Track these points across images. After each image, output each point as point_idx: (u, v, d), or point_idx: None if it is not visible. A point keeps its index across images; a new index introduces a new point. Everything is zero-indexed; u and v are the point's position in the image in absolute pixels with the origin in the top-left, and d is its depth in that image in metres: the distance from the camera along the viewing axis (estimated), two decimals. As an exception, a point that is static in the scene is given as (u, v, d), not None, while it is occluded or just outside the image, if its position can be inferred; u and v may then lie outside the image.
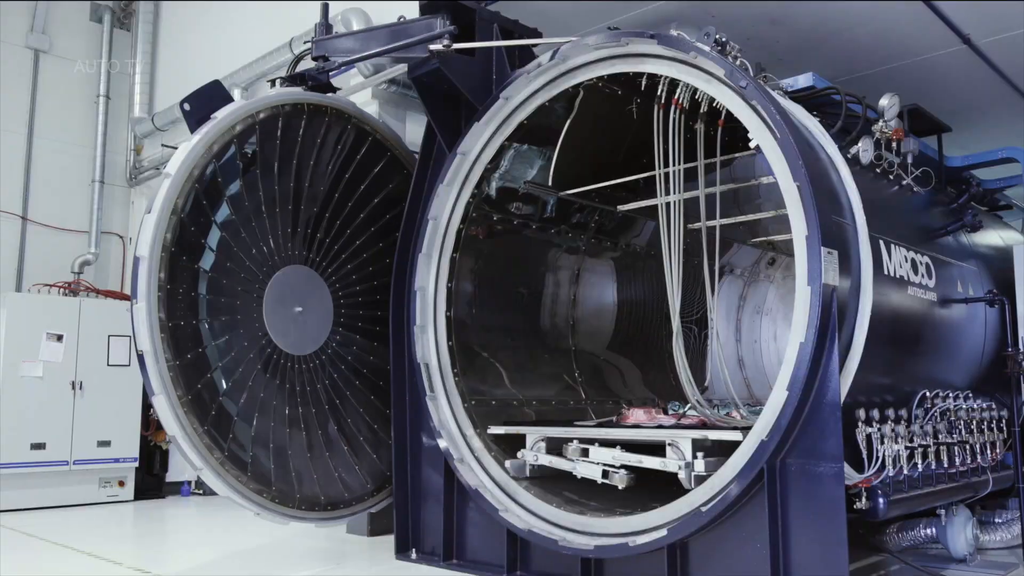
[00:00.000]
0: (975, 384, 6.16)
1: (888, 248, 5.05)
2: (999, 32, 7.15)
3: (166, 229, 5.44)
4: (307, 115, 6.17)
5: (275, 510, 5.76)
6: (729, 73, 4.59)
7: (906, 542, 5.90)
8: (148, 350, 5.24)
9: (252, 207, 5.89)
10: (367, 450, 6.37)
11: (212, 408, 5.58)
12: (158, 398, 5.26)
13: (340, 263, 6.42)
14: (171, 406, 5.28)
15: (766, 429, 4.26)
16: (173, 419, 5.29)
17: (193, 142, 5.48)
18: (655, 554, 4.64)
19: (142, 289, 5.30)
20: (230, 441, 5.61)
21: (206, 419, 5.50)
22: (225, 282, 5.78)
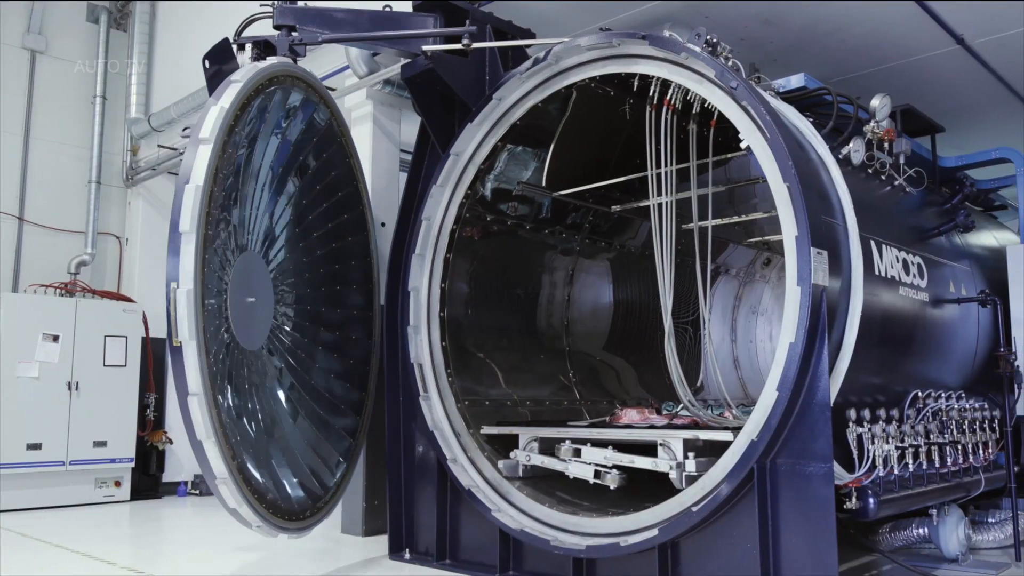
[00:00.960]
0: (968, 384, 6.18)
1: (879, 248, 5.06)
2: (993, 32, 7.14)
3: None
4: (293, 90, 5.78)
5: (271, 521, 5.28)
6: (719, 74, 4.60)
7: (899, 542, 5.90)
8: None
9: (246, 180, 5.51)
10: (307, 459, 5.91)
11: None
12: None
13: (285, 248, 5.93)
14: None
15: (756, 429, 4.27)
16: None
17: (227, 105, 4.94)
18: (646, 554, 4.66)
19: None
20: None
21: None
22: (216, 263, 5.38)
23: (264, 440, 5.39)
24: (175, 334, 4.50)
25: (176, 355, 4.52)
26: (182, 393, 4.56)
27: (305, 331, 5.99)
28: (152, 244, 10.80)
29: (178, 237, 4.55)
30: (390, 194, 7.36)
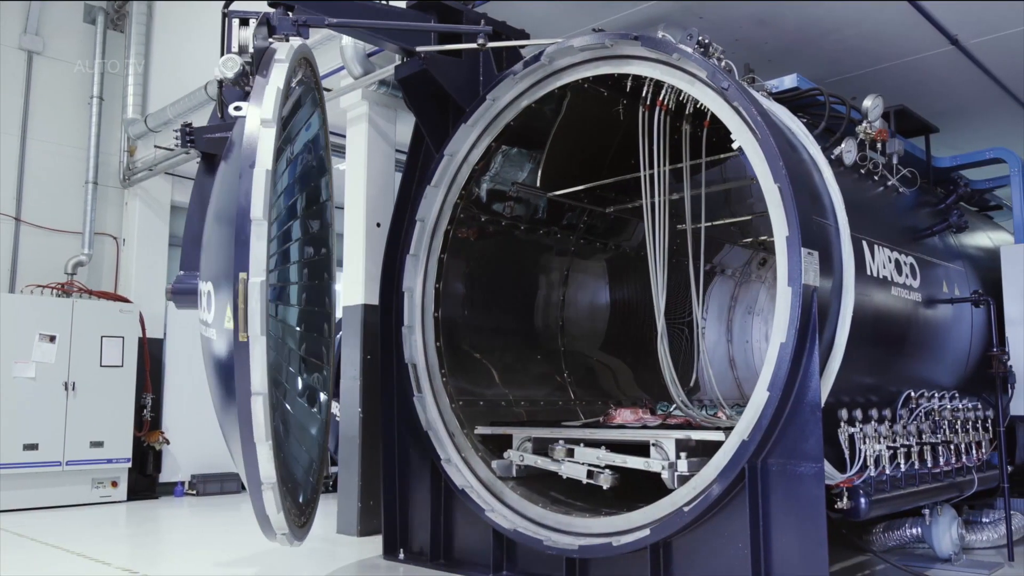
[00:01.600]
0: (962, 384, 6.18)
1: (871, 248, 5.07)
2: (988, 33, 7.15)
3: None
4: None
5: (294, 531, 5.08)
6: (711, 74, 4.61)
7: (892, 542, 5.92)
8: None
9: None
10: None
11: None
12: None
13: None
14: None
15: (747, 429, 4.27)
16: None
17: (281, 85, 4.67)
18: (639, 554, 4.66)
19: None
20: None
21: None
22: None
23: (286, 443, 5.33)
24: (242, 328, 4.18)
25: (241, 351, 4.20)
26: (244, 392, 4.24)
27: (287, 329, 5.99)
28: (149, 244, 10.82)
29: (248, 224, 4.23)
30: (385, 194, 7.38)
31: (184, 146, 5.32)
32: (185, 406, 10.53)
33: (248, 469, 4.43)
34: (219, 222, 4.64)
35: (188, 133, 5.28)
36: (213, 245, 4.60)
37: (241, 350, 4.20)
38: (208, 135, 5.25)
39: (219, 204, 4.74)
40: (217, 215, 4.72)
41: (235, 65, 5.05)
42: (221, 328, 4.31)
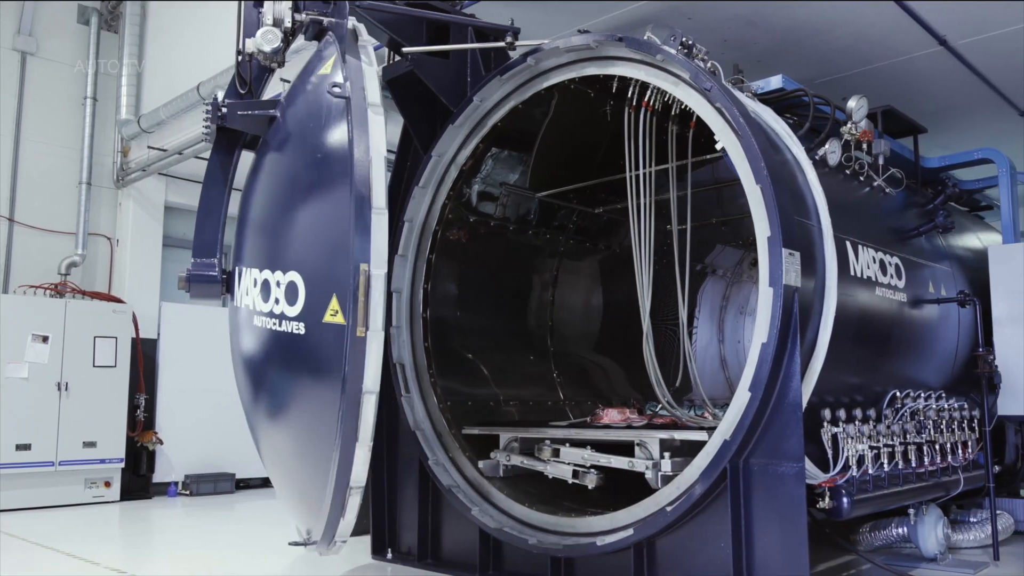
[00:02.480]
0: (949, 384, 6.20)
1: (855, 249, 5.08)
2: (976, 33, 7.15)
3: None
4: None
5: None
6: (694, 75, 4.63)
7: (879, 541, 5.94)
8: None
9: None
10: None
11: None
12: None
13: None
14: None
15: (730, 429, 4.29)
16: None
17: (378, 69, 4.72)
18: (623, 553, 4.68)
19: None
20: None
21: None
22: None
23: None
24: (361, 322, 3.93)
25: (357, 347, 3.92)
26: (354, 390, 3.98)
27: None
28: (143, 245, 10.84)
29: (369, 213, 3.98)
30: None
31: (213, 122, 5.03)
32: (179, 406, 10.55)
33: (339, 470, 4.12)
34: (293, 207, 4.32)
35: (220, 108, 5.01)
36: (294, 232, 4.25)
37: (357, 345, 3.94)
38: (242, 112, 5.03)
39: (288, 188, 4.44)
40: (287, 199, 4.40)
41: (275, 39, 4.96)
42: (317, 322, 4.00)
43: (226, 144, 5.23)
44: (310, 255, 4.11)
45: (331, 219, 4.06)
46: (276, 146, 4.84)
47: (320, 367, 4.11)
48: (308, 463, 4.50)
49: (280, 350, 4.30)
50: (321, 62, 4.80)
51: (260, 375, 4.77)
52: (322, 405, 4.16)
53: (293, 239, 4.27)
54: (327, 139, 4.28)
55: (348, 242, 3.93)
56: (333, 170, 4.16)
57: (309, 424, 4.32)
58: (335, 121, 4.26)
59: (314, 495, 4.49)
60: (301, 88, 4.91)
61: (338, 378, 3.94)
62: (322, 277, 4.02)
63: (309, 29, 5.09)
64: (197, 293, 5.09)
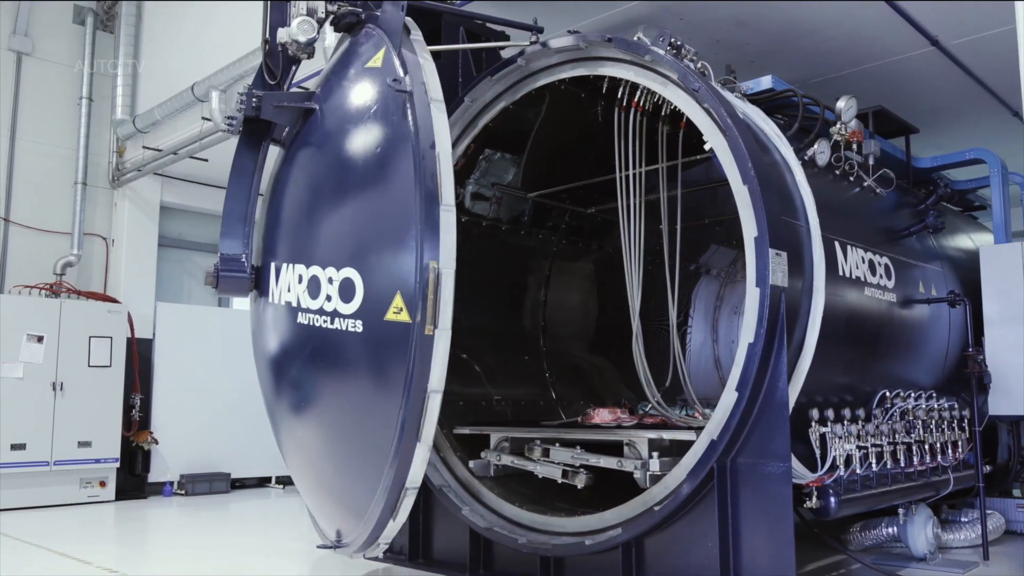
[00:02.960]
0: (940, 384, 6.20)
1: (844, 249, 5.09)
2: (969, 34, 7.16)
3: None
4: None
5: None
6: (682, 76, 4.64)
7: (869, 541, 5.95)
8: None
9: None
10: None
11: None
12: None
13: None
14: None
15: (717, 429, 4.30)
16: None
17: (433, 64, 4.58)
18: (611, 552, 4.69)
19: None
20: None
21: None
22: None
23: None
24: (430, 321, 3.82)
25: (424, 345, 3.82)
26: (419, 389, 3.87)
27: None
28: (138, 245, 10.84)
29: (437, 210, 3.87)
30: (369, 195, 7.37)
31: (247, 113, 4.88)
32: (174, 406, 10.56)
33: (397, 470, 4.01)
34: (345, 203, 4.19)
35: (254, 98, 4.87)
36: (349, 228, 4.13)
37: (425, 344, 3.85)
38: (277, 104, 4.89)
39: (337, 183, 4.29)
40: (336, 195, 4.25)
41: (312, 30, 4.84)
42: (377, 320, 3.91)
43: (253, 137, 5.09)
44: (369, 252, 4.02)
45: (394, 216, 3.96)
46: (317, 140, 4.69)
47: (379, 365, 4.03)
48: (352, 462, 4.37)
49: (331, 348, 4.20)
50: (364, 55, 4.65)
51: (299, 372, 4.60)
52: (377, 403, 4.08)
53: (348, 236, 4.17)
54: (386, 134, 4.18)
55: (414, 239, 3.84)
56: (395, 166, 4.07)
57: (358, 422, 4.22)
58: (394, 116, 4.14)
59: (356, 495, 4.38)
60: (342, 81, 4.74)
61: (400, 377, 3.86)
62: (384, 274, 3.94)
63: (341, 21, 4.97)
64: (225, 289, 4.93)
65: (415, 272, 3.83)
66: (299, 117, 4.88)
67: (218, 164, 10.36)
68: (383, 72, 4.35)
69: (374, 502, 4.16)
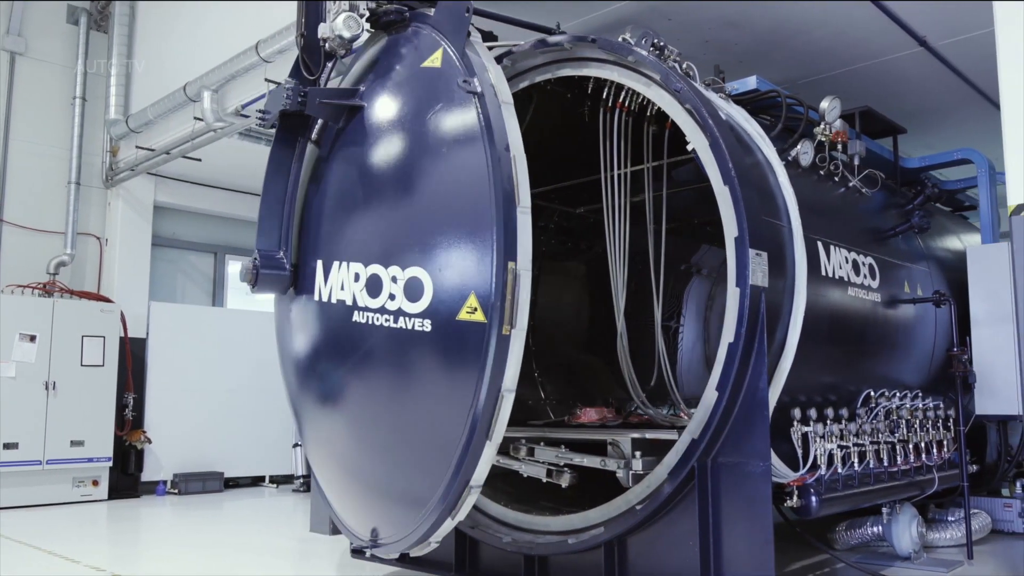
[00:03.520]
0: (926, 384, 6.22)
1: (827, 249, 5.11)
2: (957, 34, 7.19)
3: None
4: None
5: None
6: (664, 77, 4.65)
7: (855, 540, 5.98)
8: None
9: None
10: None
11: None
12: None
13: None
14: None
15: (698, 428, 4.32)
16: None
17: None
18: (594, 551, 4.70)
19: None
20: None
21: None
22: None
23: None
24: (507, 321, 3.83)
25: (501, 345, 3.84)
26: (493, 388, 3.89)
27: None
28: (132, 245, 10.86)
29: (514, 212, 3.90)
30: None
31: (292, 107, 4.74)
32: (168, 405, 10.59)
33: (463, 468, 3.99)
34: (407, 203, 4.18)
35: (301, 94, 4.74)
36: (413, 228, 4.11)
37: (501, 344, 3.85)
38: (323, 100, 4.80)
39: (397, 183, 4.27)
40: (396, 195, 4.24)
41: (357, 26, 4.73)
42: (448, 319, 3.91)
43: (289, 132, 4.98)
44: (439, 252, 4.01)
45: (466, 217, 3.96)
46: (367, 138, 4.63)
47: (448, 364, 4.03)
48: (406, 460, 4.33)
49: (393, 346, 4.18)
50: (417, 54, 4.57)
51: (349, 370, 4.54)
52: (443, 401, 4.07)
53: (413, 236, 4.15)
54: (453, 135, 4.14)
55: (490, 240, 3.84)
56: (464, 168, 4.05)
57: (417, 420, 4.19)
58: (463, 117, 4.11)
59: (408, 494, 4.35)
60: (392, 80, 4.66)
61: (472, 376, 3.86)
62: (457, 275, 3.93)
63: (381, 19, 4.88)
64: (264, 286, 4.87)
65: (492, 273, 3.84)
66: (342, 114, 4.82)
67: (211, 164, 10.39)
68: (444, 72, 4.31)
69: (434, 500, 4.13)
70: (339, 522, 5.09)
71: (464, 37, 4.38)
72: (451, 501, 4.08)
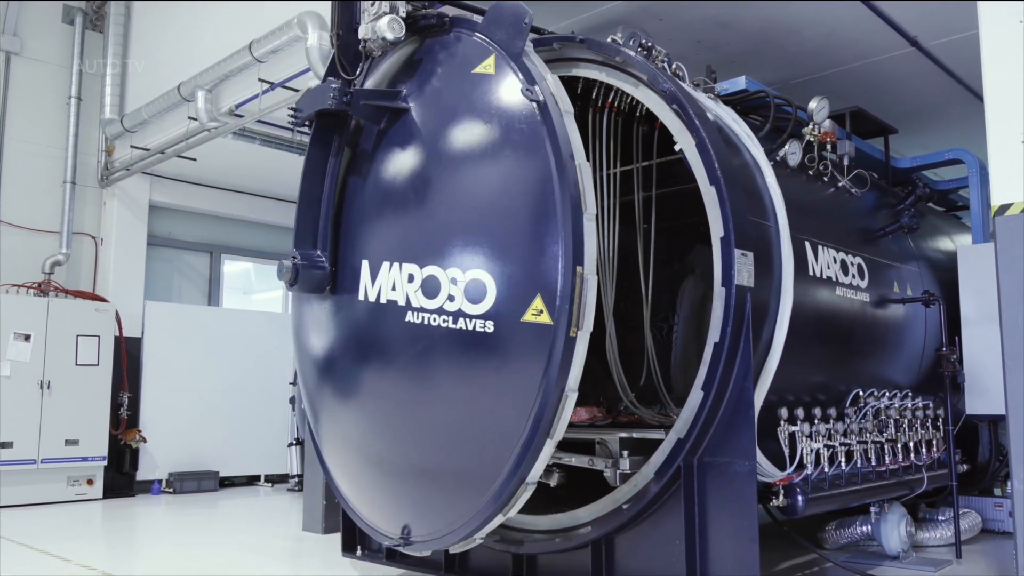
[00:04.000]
0: (917, 383, 6.22)
1: (815, 249, 5.12)
2: (949, 34, 7.21)
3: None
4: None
5: None
6: (652, 77, 4.67)
7: (844, 539, 5.99)
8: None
9: None
10: None
11: None
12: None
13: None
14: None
15: (684, 428, 4.32)
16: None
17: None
18: (582, 550, 4.71)
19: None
20: None
21: None
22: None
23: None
24: (575, 323, 3.96)
25: (568, 347, 3.96)
26: (558, 388, 3.99)
27: None
28: (127, 244, 10.88)
29: (581, 219, 4.03)
30: (351, 195, 7.40)
31: (337, 107, 4.73)
32: (163, 404, 10.61)
33: (522, 465, 4.07)
34: (467, 207, 4.25)
35: (347, 94, 4.72)
36: (475, 231, 4.19)
37: (568, 345, 3.96)
38: (367, 101, 4.81)
39: (454, 187, 4.33)
40: (454, 199, 4.32)
41: (400, 29, 4.72)
42: (512, 321, 4.00)
43: (327, 131, 4.97)
44: (502, 256, 4.11)
45: (530, 222, 4.08)
46: (415, 141, 4.66)
47: (511, 364, 4.11)
48: (454, 457, 4.39)
49: (452, 346, 4.25)
50: (465, 60, 4.60)
51: (398, 369, 4.58)
52: (502, 400, 4.15)
53: (473, 238, 4.23)
54: (513, 141, 4.23)
55: (559, 245, 3.96)
56: (528, 174, 4.14)
57: (471, 418, 4.26)
58: (524, 124, 4.19)
59: (450, 491, 4.42)
60: (441, 83, 4.68)
61: (536, 375, 3.96)
62: (523, 278, 4.04)
63: (418, 23, 4.88)
64: (304, 285, 4.87)
65: (560, 276, 3.94)
66: (384, 115, 4.83)
67: (206, 164, 10.41)
68: (499, 79, 4.38)
69: (488, 496, 4.19)
70: (361, 520, 5.11)
71: (522, 46, 4.41)
72: (505, 497, 4.17)
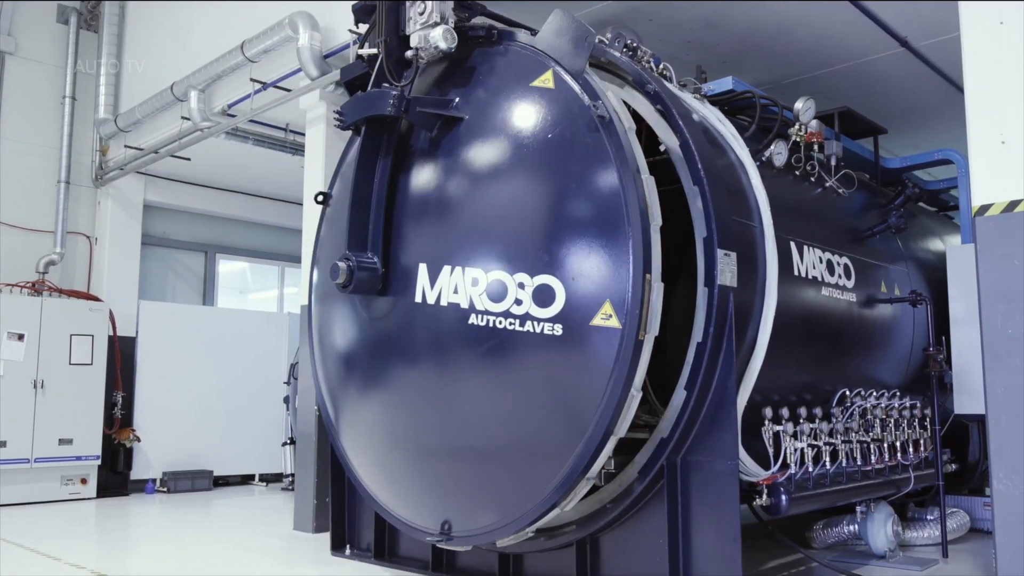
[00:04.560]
0: (905, 383, 6.24)
1: (800, 249, 5.13)
2: (939, 34, 7.21)
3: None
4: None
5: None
6: (637, 78, 4.68)
7: (831, 538, 6.01)
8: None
9: None
10: None
11: None
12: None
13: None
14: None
15: (667, 427, 4.35)
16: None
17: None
18: (568, 549, 4.73)
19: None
20: None
21: None
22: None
23: None
24: (643, 327, 4.12)
25: (636, 350, 4.11)
26: (625, 389, 4.13)
27: None
28: (122, 243, 10.89)
29: (650, 229, 4.22)
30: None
31: (393, 112, 4.84)
32: (157, 404, 10.62)
33: (585, 461, 4.20)
34: (532, 216, 4.39)
35: (403, 99, 4.83)
36: (541, 239, 4.34)
37: (636, 348, 4.13)
38: (423, 109, 4.89)
39: (517, 197, 4.47)
40: (517, 208, 4.46)
41: (453, 39, 4.79)
42: (581, 324, 4.17)
43: (377, 136, 5.10)
44: (572, 262, 4.26)
45: (599, 231, 4.24)
46: (475, 150, 4.77)
47: (578, 365, 4.25)
48: (514, 454, 4.51)
49: (519, 347, 4.39)
50: (522, 73, 4.72)
51: (455, 370, 4.70)
52: (567, 399, 4.30)
53: (540, 245, 4.37)
54: (579, 154, 4.38)
55: (628, 253, 4.14)
56: (596, 187, 4.29)
57: (534, 417, 4.39)
58: (589, 138, 4.35)
59: (505, 486, 4.54)
60: (497, 95, 4.79)
61: (603, 376, 4.13)
62: (593, 284, 4.19)
63: (466, 33, 4.96)
64: (359, 286, 4.97)
65: (630, 283, 4.11)
66: (437, 122, 4.94)
67: (200, 163, 10.43)
68: (560, 93, 4.52)
69: (547, 491, 4.32)
70: (391, 516, 5.22)
71: (584, 63, 4.54)
72: (564, 492, 4.31)
